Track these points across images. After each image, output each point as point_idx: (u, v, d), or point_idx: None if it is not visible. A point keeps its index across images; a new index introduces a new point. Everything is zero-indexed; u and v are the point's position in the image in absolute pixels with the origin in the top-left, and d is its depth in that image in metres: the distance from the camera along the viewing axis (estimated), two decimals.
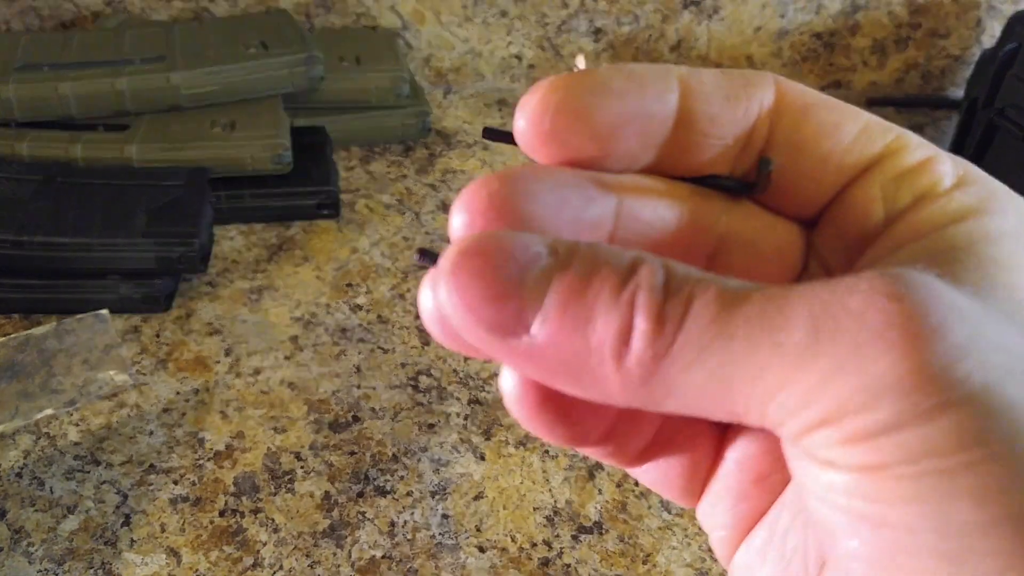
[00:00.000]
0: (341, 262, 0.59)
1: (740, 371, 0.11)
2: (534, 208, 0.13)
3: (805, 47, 0.82)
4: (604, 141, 0.13)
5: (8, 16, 0.72)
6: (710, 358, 0.11)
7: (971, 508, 0.10)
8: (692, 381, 0.11)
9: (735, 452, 0.15)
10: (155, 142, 0.59)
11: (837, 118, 0.14)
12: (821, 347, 0.11)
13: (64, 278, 0.53)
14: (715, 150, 0.14)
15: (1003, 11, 0.81)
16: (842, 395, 0.11)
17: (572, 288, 0.11)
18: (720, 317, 0.11)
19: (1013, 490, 0.10)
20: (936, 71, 0.85)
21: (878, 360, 0.10)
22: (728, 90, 0.14)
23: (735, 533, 0.16)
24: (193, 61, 0.62)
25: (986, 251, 0.12)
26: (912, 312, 0.10)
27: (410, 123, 0.70)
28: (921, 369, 0.10)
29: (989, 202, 0.13)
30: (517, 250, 0.12)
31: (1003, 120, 0.60)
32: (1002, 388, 0.10)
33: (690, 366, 0.11)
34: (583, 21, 0.78)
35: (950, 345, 0.10)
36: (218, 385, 0.50)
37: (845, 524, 0.11)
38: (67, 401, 0.48)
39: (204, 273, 0.57)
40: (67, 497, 0.43)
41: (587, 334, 0.11)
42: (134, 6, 0.73)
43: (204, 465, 0.45)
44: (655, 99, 0.13)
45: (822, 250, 0.15)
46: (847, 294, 0.11)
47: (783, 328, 0.11)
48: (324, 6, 0.75)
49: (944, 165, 0.13)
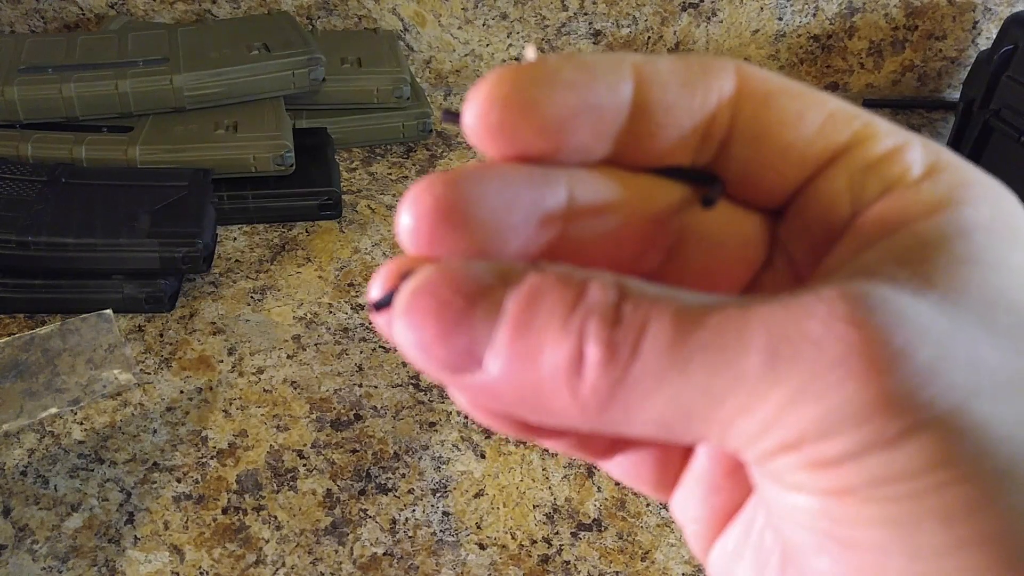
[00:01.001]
0: (343, 262, 0.60)
1: (698, 398, 0.11)
2: (482, 211, 0.12)
3: (802, 49, 0.83)
4: (555, 134, 0.12)
5: (12, 18, 0.72)
6: (668, 386, 0.11)
7: (939, 530, 0.10)
8: (651, 408, 0.11)
9: (707, 445, 0.15)
10: (158, 143, 0.60)
11: (801, 106, 0.13)
12: (779, 374, 0.10)
13: (68, 278, 0.53)
14: (673, 140, 0.13)
15: (999, 13, 0.82)
16: (802, 423, 0.10)
17: (521, 319, 0.11)
18: (676, 343, 0.11)
19: (980, 511, 0.10)
20: (932, 73, 0.85)
21: (838, 388, 0.10)
22: (685, 78, 0.13)
23: (709, 527, 0.16)
24: (196, 63, 0.62)
25: (958, 247, 0.12)
26: (872, 338, 0.10)
27: (411, 124, 0.71)
28: (884, 396, 0.10)
29: (961, 192, 0.12)
30: (466, 284, 0.11)
31: (999, 121, 0.61)
32: (969, 408, 0.10)
33: (648, 393, 0.11)
34: (582, 23, 0.79)
35: (914, 370, 0.10)
36: (221, 384, 0.50)
37: (813, 544, 0.11)
38: (71, 400, 0.48)
39: (207, 273, 0.57)
40: (71, 495, 0.44)
41: (539, 365, 0.11)
42: (137, 8, 0.73)
43: (207, 463, 0.46)
44: (607, 90, 0.12)
45: (787, 243, 0.14)
46: (805, 318, 0.10)
47: (740, 354, 0.10)
48: (326, 8, 0.76)
49: (914, 153, 0.13)
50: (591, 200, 0.13)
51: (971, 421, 0.10)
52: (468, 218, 0.12)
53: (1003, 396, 0.10)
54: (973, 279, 0.11)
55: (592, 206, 0.13)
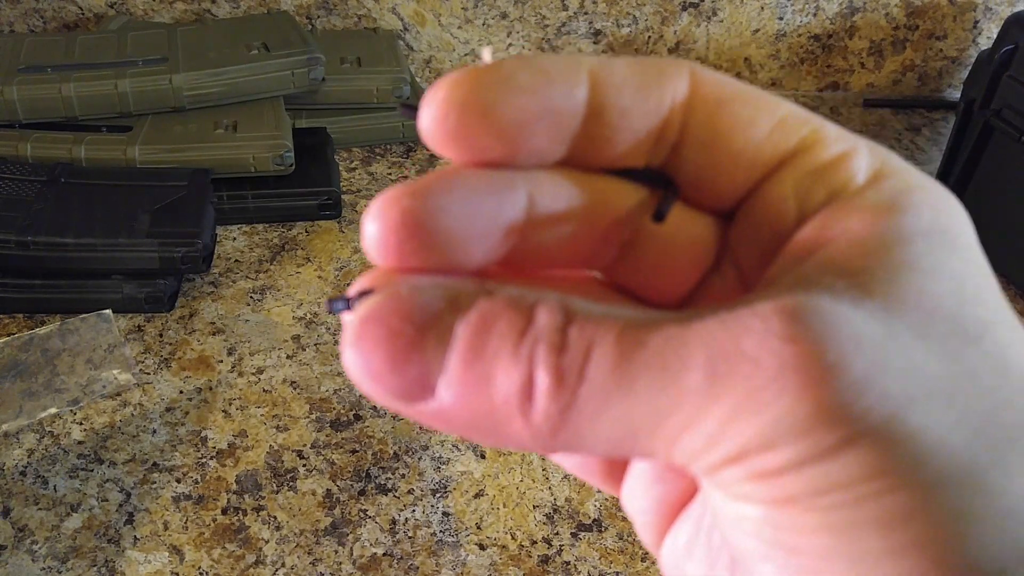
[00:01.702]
0: (343, 262, 0.60)
1: (644, 417, 0.11)
2: (445, 223, 0.12)
3: (803, 49, 0.83)
4: (511, 139, 0.12)
5: (12, 18, 0.72)
6: (614, 407, 0.11)
7: (876, 536, 0.11)
8: (600, 429, 0.11)
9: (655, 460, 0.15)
10: (158, 143, 0.60)
11: (752, 111, 0.13)
12: (718, 391, 0.11)
13: (67, 278, 0.53)
14: (628, 143, 0.13)
15: (999, 13, 0.82)
16: (743, 437, 0.11)
17: (471, 346, 0.11)
18: (620, 364, 0.11)
19: (915, 517, 0.10)
20: (933, 73, 0.85)
21: (776, 403, 0.10)
22: (639, 82, 0.13)
23: (657, 519, 0.16)
24: (195, 63, 0.62)
25: (898, 255, 0.12)
26: (806, 352, 0.10)
27: (411, 124, 0.71)
28: (819, 410, 0.10)
29: (903, 198, 0.12)
30: (416, 312, 0.11)
31: (1000, 121, 0.61)
32: (904, 417, 0.10)
33: (596, 416, 0.11)
34: (582, 23, 0.79)
35: (848, 382, 0.10)
36: (221, 384, 0.50)
37: (760, 551, 0.12)
38: (71, 400, 0.48)
39: (207, 273, 0.57)
40: (70, 495, 0.44)
41: (491, 393, 0.11)
42: (137, 8, 0.73)
43: (207, 463, 0.46)
44: (563, 93, 0.13)
45: (736, 246, 0.14)
46: (742, 334, 0.11)
47: (681, 373, 0.11)
48: (325, 8, 0.75)
49: (859, 160, 0.13)
50: (549, 203, 0.13)
51: (906, 430, 0.10)
52: (432, 231, 0.12)
53: (937, 404, 0.11)
54: (911, 287, 0.11)
55: (550, 209, 0.13)
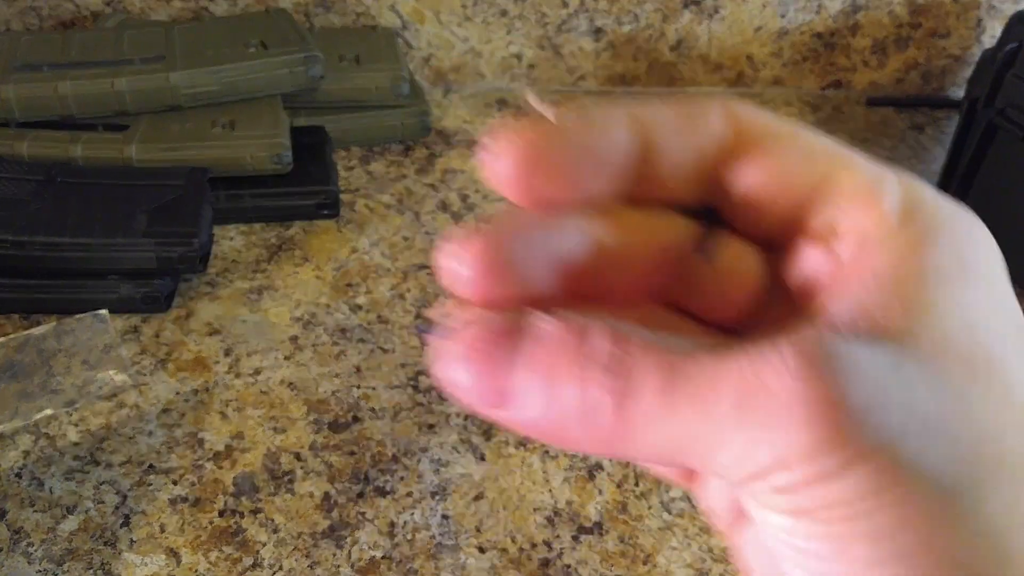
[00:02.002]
0: (341, 262, 0.59)
1: (684, 437, 0.13)
2: (516, 260, 0.15)
3: (805, 47, 0.82)
4: (567, 184, 0.15)
5: (8, 16, 0.72)
6: (659, 426, 0.13)
7: (867, 547, 0.13)
8: (647, 443, 0.13)
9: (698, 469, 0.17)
10: (155, 142, 0.59)
11: (787, 147, 0.15)
12: (744, 419, 0.13)
13: (64, 278, 0.53)
14: (676, 181, 0.15)
15: (1003, 11, 0.81)
16: (763, 458, 0.13)
17: (538, 369, 0.14)
18: (664, 390, 0.13)
19: (899, 533, 0.12)
20: (936, 71, 0.85)
21: (788, 432, 0.12)
22: (681, 124, 0.15)
23: (727, 516, 0.17)
24: (193, 61, 0.62)
25: (917, 294, 0.13)
26: (815, 389, 0.12)
27: (410, 123, 0.70)
28: (822, 438, 0.12)
29: (929, 234, 0.14)
30: (498, 337, 0.14)
31: (1004, 120, 0.60)
32: (897, 446, 0.12)
33: (643, 434, 0.13)
34: (583, 20, 0.78)
35: (849, 415, 0.12)
36: (218, 385, 0.50)
37: (791, 555, 0.14)
38: (66, 401, 0.48)
39: (204, 273, 0.57)
40: (66, 497, 0.43)
41: (556, 408, 0.14)
42: (134, 6, 0.73)
43: (204, 465, 0.45)
44: (608, 141, 0.15)
45: (782, 276, 0.16)
46: (765, 370, 0.13)
47: (714, 402, 0.13)
48: (323, 5, 0.75)
49: (888, 196, 0.14)
50: (608, 239, 0.15)
51: (898, 458, 0.12)
52: (505, 269, 0.14)
53: (930, 435, 0.13)
54: (925, 326, 0.13)
55: (609, 244, 0.15)
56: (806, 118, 0.81)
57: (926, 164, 0.75)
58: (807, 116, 0.81)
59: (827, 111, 0.82)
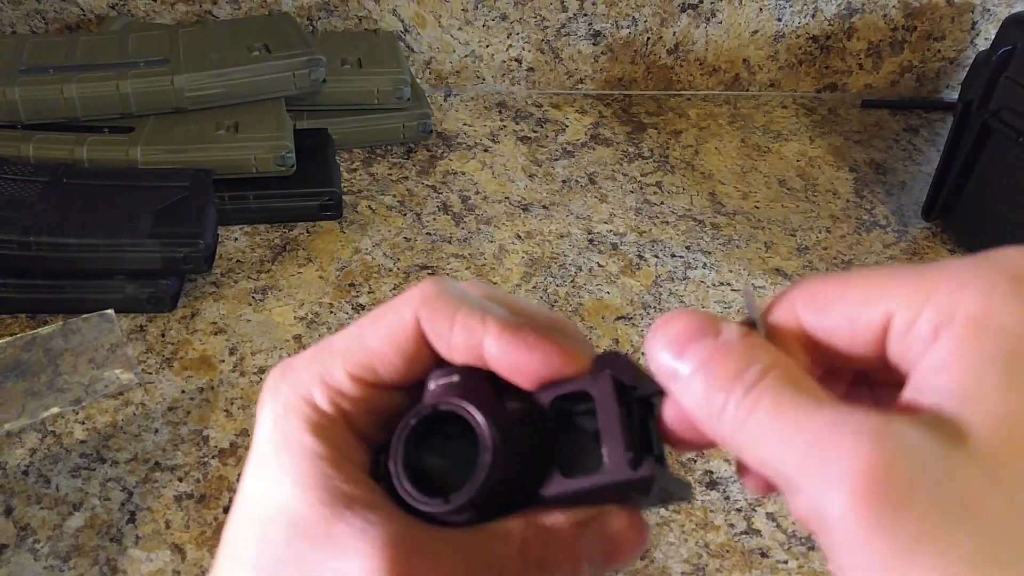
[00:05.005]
0: (344, 262, 0.60)
1: (776, 460, 0.17)
2: None
3: (801, 50, 0.83)
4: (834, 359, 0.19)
5: (14, 19, 0.72)
6: (763, 442, 0.17)
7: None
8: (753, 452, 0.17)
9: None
10: (160, 144, 0.60)
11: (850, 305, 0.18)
12: (815, 468, 0.16)
13: (70, 278, 0.53)
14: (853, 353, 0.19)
15: (997, 14, 0.82)
16: (811, 507, 0.16)
17: (706, 368, 0.18)
18: (773, 418, 0.17)
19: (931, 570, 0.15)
20: (931, 74, 0.86)
21: (840, 492, 0.15)
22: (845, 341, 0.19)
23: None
24: (197, 64, 0.62)
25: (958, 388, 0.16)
26: (867, 463, 0.15)
27: (411, 125, 0.71)
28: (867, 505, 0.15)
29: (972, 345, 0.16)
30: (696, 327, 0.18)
31: (997, 122, 0.61)
32: (929, 514, 0.15)
33: (753, 442, 0.17)
34: (582, 24, 0.79)
35: (892, 486, 0.15)
36: (223, 383, 0.50)
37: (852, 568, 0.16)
38: (73, 400, 0.48)
39: (209, 273, 0.57)
40: (73, 494, 0.44)
41: (706, 402, 0.18)
42: (138, 9, 0.73)
43: (209, 462, 0.46)
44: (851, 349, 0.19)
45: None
46: (844, 437, 0.16)
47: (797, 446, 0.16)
48: (326, 9, 0.76)
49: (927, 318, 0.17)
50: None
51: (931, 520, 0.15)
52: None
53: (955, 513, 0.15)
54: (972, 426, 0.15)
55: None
56: (801, 120, 0.81)
57: (920, 166, 0.76)
58: (802, 118, 0.82)
59: (822, 114, 0.83)
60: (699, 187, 0.71)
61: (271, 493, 0.20)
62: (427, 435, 0.20)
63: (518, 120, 0.77)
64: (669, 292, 0.60)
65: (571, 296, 0.59)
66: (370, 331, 0.21)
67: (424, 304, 0.20)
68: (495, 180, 0.70)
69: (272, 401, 0.21)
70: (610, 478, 0.19)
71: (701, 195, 0.70)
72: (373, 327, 0.21)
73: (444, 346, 0.20)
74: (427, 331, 0.20)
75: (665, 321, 0.19)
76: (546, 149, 0.74)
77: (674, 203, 0.69)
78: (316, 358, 0.21)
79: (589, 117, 0.79)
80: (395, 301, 0.21)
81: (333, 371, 0.21)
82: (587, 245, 0.64)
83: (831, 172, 0.75)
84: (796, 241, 0.66)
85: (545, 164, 0.72)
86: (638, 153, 0.74)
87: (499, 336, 0.19)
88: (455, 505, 0.19)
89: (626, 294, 0.60)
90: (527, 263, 0.62)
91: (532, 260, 0.62)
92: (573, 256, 0.63)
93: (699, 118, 0.80)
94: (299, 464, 0.20)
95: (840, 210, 0.70)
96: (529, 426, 0.20)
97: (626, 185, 0.70)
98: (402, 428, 0.20)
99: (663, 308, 0.59)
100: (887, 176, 0.74)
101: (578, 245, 0.64)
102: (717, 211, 0.69)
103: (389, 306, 0.21)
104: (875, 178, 0.74)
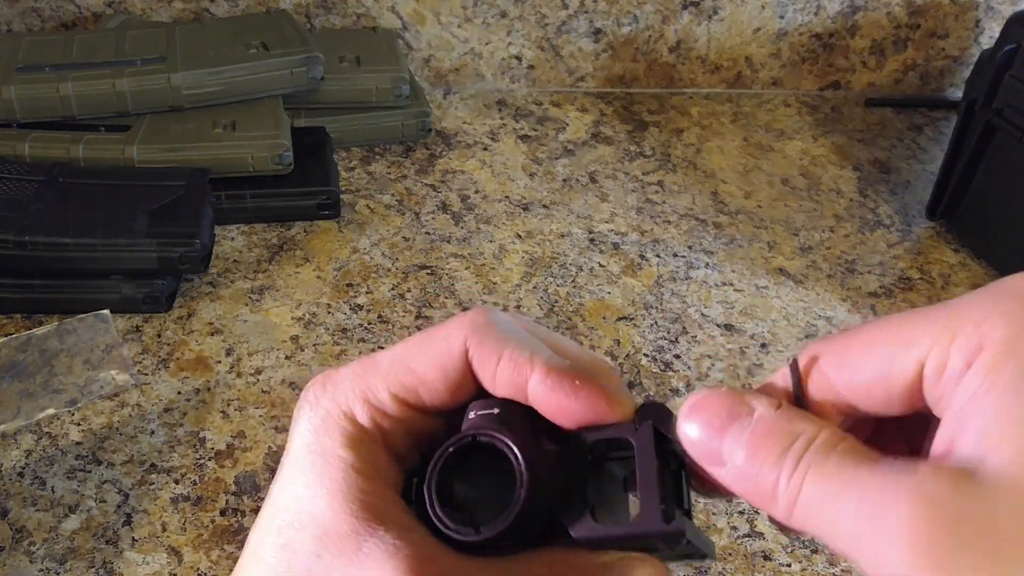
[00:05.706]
0: (342, 262, 0.59)
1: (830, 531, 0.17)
2: None
3: (804, 48, 0.83)
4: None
5: (10, 17, 0.72)
6: (817, 515, 0.17)
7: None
8: (813, 525, 0.17)
9: None
10: (156, 142, 0.59)
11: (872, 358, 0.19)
12: (868, 528, 0.16)
13: (66, 278, 0.53)
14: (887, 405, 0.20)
15: (1002, 12, 0.81)
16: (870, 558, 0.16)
17: (751, 450, 0.18)
18: (824, 492, 0.17)
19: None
20: (935, 72, 0.85)
21: (894, 546, 0.16)
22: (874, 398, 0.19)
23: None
24: (194, 62, 0.62)
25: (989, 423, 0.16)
26: (917, 517, 0.16)
27: (410, 124, 0.71)
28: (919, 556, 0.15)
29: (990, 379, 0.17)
30: (730, 408, 0.19)
31: (1001, 121, 0.61)
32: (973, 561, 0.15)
33: (807, 519, 0.17)
34: (583, 22, 0.79)
35: (937, 536, 0.15)
36: (219, 384, 0.50)
37: None
38: (69, 401, 0.48)
39: (205, 273, 0.57)
40: (68, 496, 0.43)
41: (755, 481, 0.18)
42: (135, 7, 0.73)
43: (205, 464, 0.45)
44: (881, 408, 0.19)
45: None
46: (899, 498, 0.16)
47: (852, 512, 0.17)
48: (324, 7, 0.75)
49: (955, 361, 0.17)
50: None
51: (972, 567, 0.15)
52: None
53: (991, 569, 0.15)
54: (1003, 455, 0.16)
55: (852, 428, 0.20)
56: (804, 119, 0.81)
57: (924, 165, 0.76)
58: (805, 117, 0.81)
59: (825, 112, 0.82)
60: (701, 186, 0.71)
61: (303, 502, 0.20)
62: (461, 463, 0.20)
63: (518, 118, 0.77)
64: (671, 292, 0.60)
65: (572, 296, 0.59)
66: (417, 355, 0.21)
67: (473, 334, 0.21)
68: (495, 179, 0.69)
69: (311, 411, 0.21)
70: (642, 528, 0.19)
71: (703, 194, 0.70)
72: (420, 351, 0.21)
73: (488, 378, 0.20)
74: (473, 361, 0.21)
75: (697, 403, 0.19)
76: (546, 148, 0.73)
77: (676, 202, 0.68)
78: (360, 375, 0.21)
79: (590, 115, 0.78)
80: (443, 327, 0.21)
81: (377, 390, 0.21)
82: (588, 245, 0.63)
83: (834, 171, 0.74)
84: (799, 241, 0.66)
85: (545, 163, 0.71)
86: (639, 152, 0.74)
87: (545, 377, 0.20)
88: (486, 536, 0.19)
89: (627, 294, 0.59)
90: (527, 263, 0.61)
91: (532, 260, 0.61)
92: (574, 256, 0.62)
93: (701, 116, 0.80)
94: (335, 476, 0.20)
95: (844, 209, 0.70)
96: (563, 465, 0.20)
97: (627, 184, 0.70)
98: (440, 455, 0.20)
99: (665, 308, 0.58)
100: (891, 175, 0.74)
101: (579, 245, 0.63)
102: (719, 210, 0.68)
103: (437, 331, 0.21)
104: (879, 177, 0.74)
